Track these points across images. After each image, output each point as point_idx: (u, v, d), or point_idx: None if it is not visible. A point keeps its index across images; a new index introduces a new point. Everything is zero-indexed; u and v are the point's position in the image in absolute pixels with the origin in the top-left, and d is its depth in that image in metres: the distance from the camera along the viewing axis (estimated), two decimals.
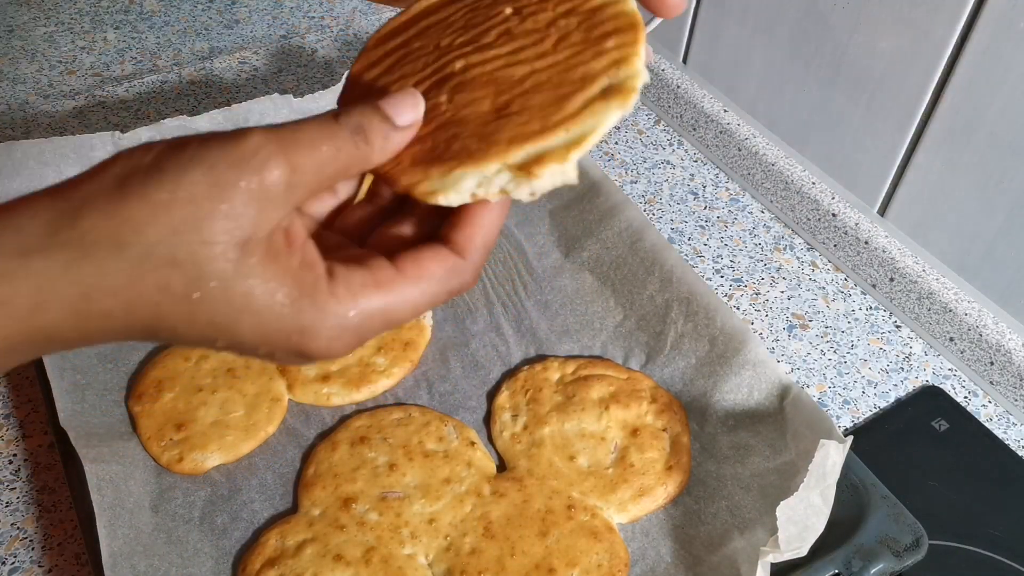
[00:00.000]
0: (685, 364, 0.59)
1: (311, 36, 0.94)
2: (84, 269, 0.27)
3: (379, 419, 0.56)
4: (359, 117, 0.31)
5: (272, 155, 0.28)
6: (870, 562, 0.48)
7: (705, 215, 0.76)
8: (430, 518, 0.52)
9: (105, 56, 0.88)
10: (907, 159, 0.66)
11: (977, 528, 0.55)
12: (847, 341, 0.67)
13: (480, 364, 0.61)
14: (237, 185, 0.28)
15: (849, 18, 0.65)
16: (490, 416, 0.58)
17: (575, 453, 0.55)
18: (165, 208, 0.27)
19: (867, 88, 0.66)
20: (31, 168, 0.65)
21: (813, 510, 0.46)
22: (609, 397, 0.57)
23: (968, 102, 0.60)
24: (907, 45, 0.62)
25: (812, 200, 0.72)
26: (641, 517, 0.53)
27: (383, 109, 0.31)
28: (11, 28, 0.91)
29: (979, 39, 0.58)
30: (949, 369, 0.65)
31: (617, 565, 0.50)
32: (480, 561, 0.50)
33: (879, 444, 0.59)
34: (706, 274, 0.71)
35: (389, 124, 0.31)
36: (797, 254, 0.73)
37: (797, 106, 0.73)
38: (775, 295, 0.70)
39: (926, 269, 0.66)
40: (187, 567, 0.49)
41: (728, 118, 0.79)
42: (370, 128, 0.31)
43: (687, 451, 0.55)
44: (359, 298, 0.30)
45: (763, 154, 0.76)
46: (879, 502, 0.50)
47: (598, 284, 0.66)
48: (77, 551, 0.52)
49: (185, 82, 0.86)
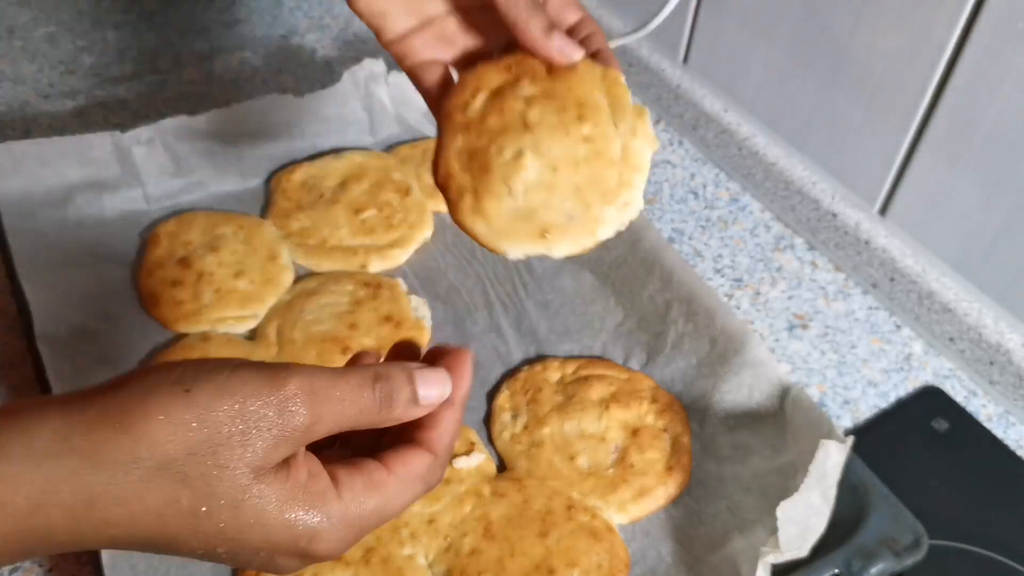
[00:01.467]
0: (685, 364, 0.59)
1: (311, 36, 0.94)
2: (93, 478, 0.28)
3: None
4: (391, 387, 0.33)
5: (303, 406, 0.31)
6: (870, 562, 0.48)
7: (705, 215, 0.76)
8: (430, 518, 0.52)
9: (105, 56, 0.88)
10: (907, 159, 0.66)
11: (977, 528, 0.55)
12: (847, 341, 0.67)
13: (480, 364, 0.61)
14: (260, 425, 0.30)
15: (849, 18, 0.65)
16: (490, 416, 0.58)
17: (575, 453, 0.55)
18: (185, 431, 0.29)
19: (867, 88, 0.66)
20: (31, 168, 0.65)
21: (813, 510, 0.46)
22: (609, 397, 0.57)
23: (968, 102, 0.60)
24: (907, 45, 0.62)
25: (812, 200, 0.72)
26: (641, 518, 0.53)
27: (414, 383, 0.34)
28: (11, 28, 0.91)
29: (979, 39, 0.57)
30: (949, 369, 0.65)
31: (617, 566, 0.50)
32: (480, 562, 0.50)
33: (879, 444, 0.59)
34: (706, 274, 0.71)
35: (414, 401, 0.34)
36: (797, 254, 0.73)
37: (797, 106, 0.73)
38: (775, 295, 0.70)
39: (926, 269, 0.66)
40: (187, 567, 0.49)
41: (728, 118, 0.79)
42: (397, 401, 0.33)
43: (687, 451, 0.55)
44: (362, 501, 0.33)
45: (763, 154, 0.76)
46: (879, 502, 0.50)
47: (598, 284, 0.66)
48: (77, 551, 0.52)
49: (185, 82, 0.86)
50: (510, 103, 0.43)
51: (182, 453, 0.29)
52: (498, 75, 0.44)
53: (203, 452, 0.29)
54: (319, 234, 0.68)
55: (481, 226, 0.42)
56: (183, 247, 0.65)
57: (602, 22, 0.90)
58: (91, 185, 0.67)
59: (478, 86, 0.44)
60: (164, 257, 0.65)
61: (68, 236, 0.65)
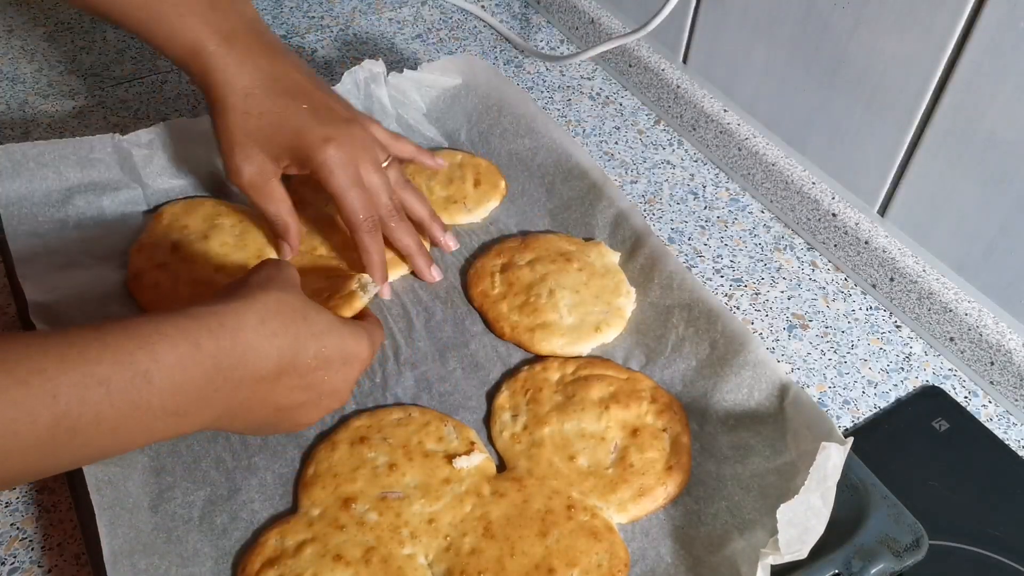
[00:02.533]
0: (685, 366, 0.59)
1: (311, 36, 0.94)
2: (252, 305, 0.46)
3: (379, 419, 0.56)
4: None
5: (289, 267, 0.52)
6: (870, 562, 0.48)
7: (705, 215, 0.76)
8: (430, 518, 0.52)
9: (105, 56, 0.88)
10: (907, 159, 0.66)
11: (977, 528, 0.55)
12: (847, 341, 0.67)
13: (480, 364, 0.61)
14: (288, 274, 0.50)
15: (849, 18, 0.65)
16: (490, 416, 0.58)
17: (575, 453, 0.55)
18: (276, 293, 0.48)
19: (867, 88, 0.66)
20: (31, 169, 0.65)
21: (813, 512, 0.46)
22: (609, 397, 0.57)
23: (968, 102, 0.60)
24: (907, 45, 0.62)
25: (812, 200, 0.72)
26: (641, 517, 0.53)
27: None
28: (11, 28, 0.91)
29: (979, 39, 0.57)
30: (949, 369, 0.65)
31: (617, 565, 0.50)
32: (480, 561, 0.50)
33: (879, 444, 0.59)
34: (706, 274, 0.71)
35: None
36: (797, 254, 0.73)
37: (797, 106, 0.73)
38: (775, 295, 0.70)
39: (926, 269, 0.66)
40: (187, 566, 0.49)
41: (728, 118, 0.79)
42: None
43: (687, 451, 0.55)
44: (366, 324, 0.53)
45: (763, 154, 0.76)
46: (879, 502, 0.50)
47: None
48: (77, 551, 0.52)
49: (185, 82, 0.86)
50: (516, 272, 0.65)
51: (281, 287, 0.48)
52: (498, 258, 0.67)
53: (287, 288, 0.48)
54: (317, 237, 0.68)
55: (556, 344, 0.61)
56: (180, 231, 0.66)
57: (602, 22, 0.91)
58: (91, 186, 0.67)
59: (492, 272, 0.65)
60: (160, 237, 0.65)
61: (68, 237, 0.65)
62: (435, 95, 0.79)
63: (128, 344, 0.40)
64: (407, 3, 1.00)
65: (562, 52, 0.95)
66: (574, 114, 0.87)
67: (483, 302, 0.64)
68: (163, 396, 0.41)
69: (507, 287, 0.64)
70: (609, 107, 0.88)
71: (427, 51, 0.94)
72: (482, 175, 0.73)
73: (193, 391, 0.42)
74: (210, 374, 0.43)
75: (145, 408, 0.40)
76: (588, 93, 0.89)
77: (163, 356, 0.41)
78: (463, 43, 0.95)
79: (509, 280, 0.65)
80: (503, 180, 0.73)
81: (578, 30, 0.95)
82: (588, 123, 0.86)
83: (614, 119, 0.86)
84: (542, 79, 0.91)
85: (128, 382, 0.39)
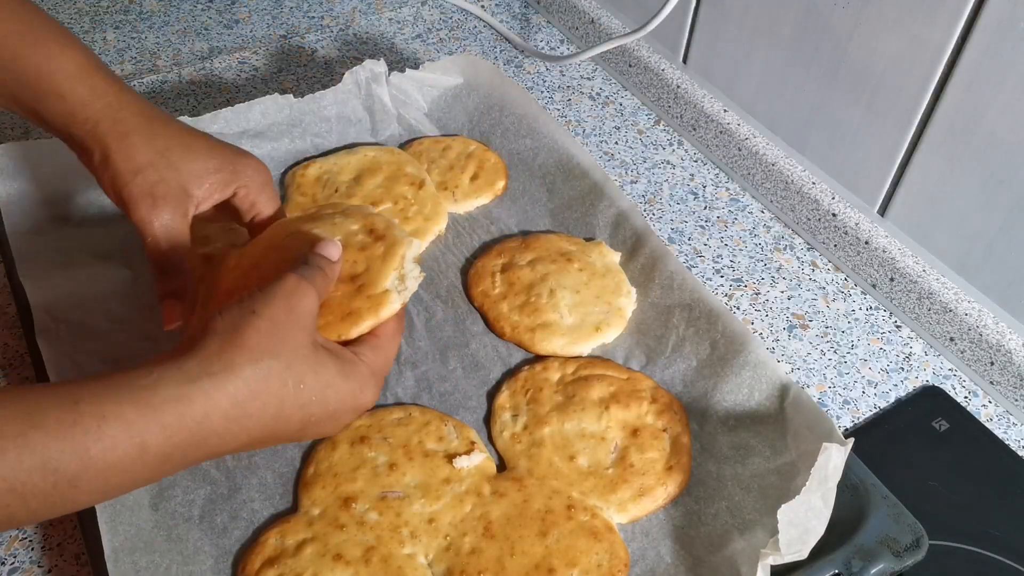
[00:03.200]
0: (686, 366, 0.59)
1: (311, 36, 0.94)
2: (233, 385, 0.40)
3: (379, 419, 0.56)
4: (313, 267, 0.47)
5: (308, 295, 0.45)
6: (870, 562, 0.48)
7: (705, 215, 0.76)
8: (430, 518, 0.52)
9: (105, 56, 0.88)
10: (907, 159, 0.66)
11: (977, 528, 0.55)
12: (847, 341, 0.67)
13: (480, 364, 0.61)
14: (302, 305, 0.44)
15: (849, 18, 0.65)
16: (490, 416, 0.58)
17: (575, 453, 0.55)
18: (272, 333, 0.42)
19: (867, 88, 0.66)
20: (31, 168, 0.65)
21: (814, 512, 0.46)
22: (609, 397, 0.57)
23: (968, 102, 0.60)
24: (907, 45, 0.62)
25: (812, 200, 0.72)
26: (641, 517, 0.53)
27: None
28: None
29: (979, 39, 0.58)
30: (949, 369, 0.65)
31: (617, 565, 0.50)
32: (480, 561, 0.50)
33: (879, 444, 0.59)
34: (706, 274, 0.71)
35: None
36: (797, 254, 0.73)
37: (797, 106, 0.73)
38: (775, 295, 0.70)
39: (926, 269, 0.66)
40: (187, 564, 0.49)
41: (728, 118, 0.79)
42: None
43: (687, 451, 0.55)
44: (372, 359, 0.47)
45: (763, 154, 0.76)
46: (879, 502, 0.50)
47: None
48: (77, 551, 0.52)
49: (185, 82, 0.86)
50: (517, 272, 0.65)
51: (279, 346, 0.42)
52: (498, 258, 0.67)
53: (289, 341, 0.42)
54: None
55: (557, 344, 0.61)
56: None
57: (602, 22, 0.91)
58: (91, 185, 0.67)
59: (493, 272, 0.65)
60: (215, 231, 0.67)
61: (68, 236, 0.65)
62: (437, 94, 0.79)
63: (56, 445, 0.35)
64: (407, 3, 1.00)
65: (562, 52, 0.95)
66: (574, 114, 0.87)
67: (484, 302, 0.64)
68: (91, 496, 0.38)
69: (508, 287, 0.64)
70: (609, 107, 0.88)
71: (427, 51, 0.94)
72: (483, 171, 0.73)
73: (130, 485, 0.39)
74: (156, 466, 0.39)
75: (70, 507, 0.37)
76: (588, 93, 0.89)
77: (95, 459, 0.36)
78: (463, 43, 0.95)
79: (510, 280, 0.64)
80: (503, 181, 0.73)
81: (578, 30, 0.95)
82: (588, 123, 0.86)
83: (614, 119, 0.86)
84: (542, 79, 0.91)
85: (51, 488, 0.36)
